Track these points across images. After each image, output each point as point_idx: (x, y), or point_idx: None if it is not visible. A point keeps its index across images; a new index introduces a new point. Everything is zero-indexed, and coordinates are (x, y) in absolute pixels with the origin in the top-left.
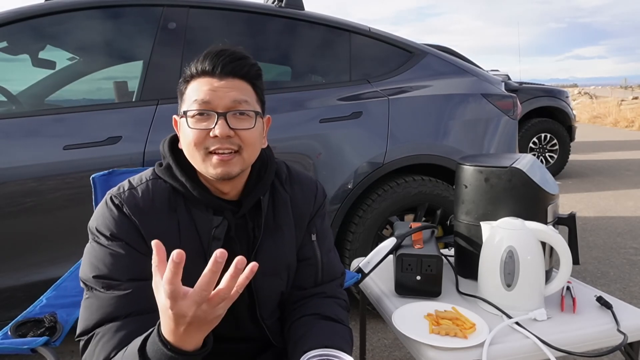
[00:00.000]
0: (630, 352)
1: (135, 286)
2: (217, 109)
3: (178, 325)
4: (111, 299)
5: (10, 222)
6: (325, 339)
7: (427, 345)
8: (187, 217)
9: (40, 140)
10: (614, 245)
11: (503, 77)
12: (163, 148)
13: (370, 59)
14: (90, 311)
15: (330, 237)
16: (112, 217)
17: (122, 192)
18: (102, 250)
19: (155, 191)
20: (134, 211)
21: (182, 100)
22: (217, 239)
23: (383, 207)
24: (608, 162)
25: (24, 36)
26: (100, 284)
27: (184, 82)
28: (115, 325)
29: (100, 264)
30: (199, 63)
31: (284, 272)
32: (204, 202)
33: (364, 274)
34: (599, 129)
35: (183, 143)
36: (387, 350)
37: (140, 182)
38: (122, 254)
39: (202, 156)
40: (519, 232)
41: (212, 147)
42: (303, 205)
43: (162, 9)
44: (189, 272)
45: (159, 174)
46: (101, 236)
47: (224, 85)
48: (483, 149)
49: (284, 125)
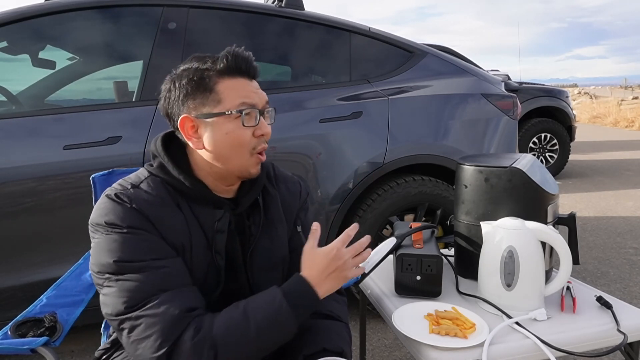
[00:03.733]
0: (630, 352)
1: (165, 263)
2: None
3: (328, 268)
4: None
5: (10, 222)
6: (323, 341)
7: (427, 345)
8: (190, 213)
9: (40, 140)
10: (614, 245)
11: (503, 77)
12: (156, 147)
13: (370, 59)
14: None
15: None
16: (123, 211)
17: (127, 190)
18: (120, 236)
19: (157, 188)
20: (143, 206)
21: (208, 99)
22: (221, 232)
23: (383, 207)
24: (608, 162)
25: (24, 36)
26: (127, 267)
27: (208, 79)
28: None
29: (119, 251)
30: (231, 62)
31: (280, 266)
32: (204, 197)
33: (364, 274)
34: (599, 129)
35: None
36: (387, 350)
37: (139, 181)
38: (141, 237)
39: (246, 157)
40: (519, 232)
41: (259, 147)
42: (290, 202)
43: (162, 9)
44: (198, 261)
45: (154, 173)
46: (115, 227)
47: (257, 87)
48: (483, 149)
49: (284, 126)
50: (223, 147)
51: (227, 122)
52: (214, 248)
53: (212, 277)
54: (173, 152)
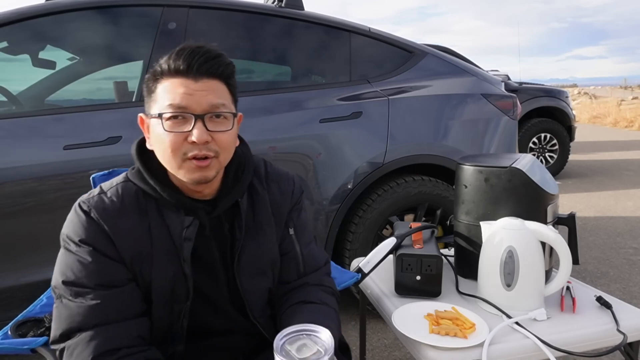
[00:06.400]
0: (630, 352)
1: (103, 295)
2: (195, 112)
3: None
4: (79, 308)
5: (10, 222)
6: (307, 319)
7: (427, 345)
8: (159, 218)
9: (40, 140)
10: (614, 245)
11: (503, 77)
12: (132, 152)
13: (370, 59)
14: (60, 320)
15: (309, 230)
16: (80, 223)
17: (91, 197)
18: (71, 256)
19: (125, 194)
20: (102, 215)
21: (151, 99)
22: (188, 239)
23: (383, 207)
24: (608, 162)
25: (24, 36)
26: (68, 290)
27: (153, 80)
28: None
29: (68, 270)
30: (171, 61)
31: (269, 270)
32: (175, 203)
33: (364, 274)
34: (599, 129)
35: (157, 147)
36: (387, 350)
37: (110, 186)
38: (90, 260)
39: (178, 162)
40: (519, 232)
41: (190, 153)
42: (281, 202)
43: (162, 9)
44: (163, 270)
45: (130, 178)
46: (71, 242)
47: (200, 88)
48: (483, 149)
49: (283, 126)
50: (157, 150)
51: (157, 125)
52: (182, 256)
53: (181, 287)
54: (149, 156)
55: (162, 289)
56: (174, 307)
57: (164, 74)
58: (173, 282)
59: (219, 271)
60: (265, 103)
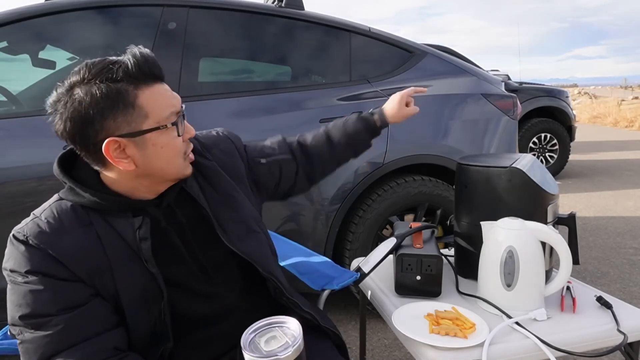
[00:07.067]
0: (630, 352)
1: (67, 319)
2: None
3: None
4: (45, 338)
5: (10, 222)
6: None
7: (427, 345)
8: (107, 227)
9: (40, 140)
10: (614, 245)
11: (503, 77)
12: (56, 172)
13: (370, 59)
14: (28, 356)
15: (259, 143)
16: (20, 254)
17: (25, 226)
18: (21, 288)
19: (61, 213)
20: (41, 239)
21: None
22: (144, 239)
23: (383, 207)
24: (608, 162)
25: (24, 36)
26: (29, 324)
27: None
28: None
29: (23, 304)
30: (144, 68)
31: (256, 226)
32: (120, 207)
33: (364, 274)
34: (599, 129)
35: (163, 156)
36: (387, 350)
37: (42, 210)
38: (42, 288)
39: (182, 161)
40: (519, 232)
41: (188, 149)
42: (231, 162)
43: (162, 9)
44: (128, 276)
45: (62, 196)
46: (17, 276)
47: (169, 89)
48: (483, 149)
49: (283, 126)
50: (159, 161)
51: (161, 135)
52: (143, 257)
53: (152, 287)
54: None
55: (131, 294)
56: (151, 308)
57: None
58: (141, 284)
59: (186, 257)
60: (265, 103)
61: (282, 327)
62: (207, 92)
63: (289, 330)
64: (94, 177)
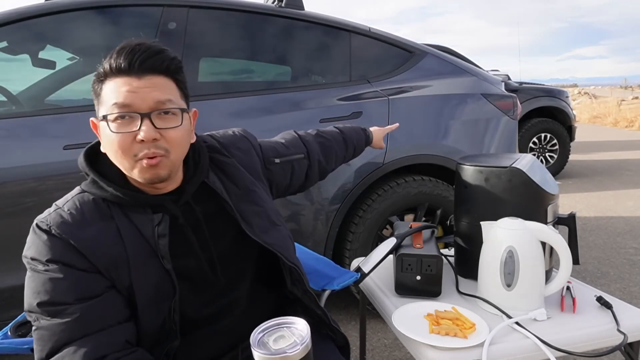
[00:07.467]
0: (630, 352)
1: (83, 308)
2: (140, 110)
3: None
4: (60, 325)
5: (10, 222)
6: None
7: (427, 345)
8: (127, 222)
9: (40, 140)
10: (614, 245)
11: (503, 77)
12: (81, 164)
13: (370, 59)
14: (43, 342)
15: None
16: (42, 243)
17: (48, 215)
18: (41, 276)
19: (84, 205)
20: (64, 230)
21: (98, 102)
22: (162, 236)
23: (383, 207)
24: (608, 162)
25: (24, 36)
26: (46, 311)
27: (98, 82)
28: (72, 348)
29: (42, 291)
30: (112, 60)
31: (277, 219)
32: (140, 203)
33: (364, 274)
34: (599, 129)
35: (107, 149)
36: (387, 350)
37: (65, 201)
38: (62, 276)
39: (131, 164)
40: (519, 232)
41: (140, 153)
42: (249, 160)
43: (162, 9)
44: (144, 272)
45: (85, 189)
46: (37, 264)
47: (145, 85)
48: (483, 149)
49: (284, 126)
50: (109, 153)
51: (105, 127)
52: (159, 254)
53: (165, 284)
54: (102, 165)
55: (145, 290)
56: (162, 305)
57: (107, 75)
58: (155, 280)
59: (198, 252)
60: (265, 103)
61: (290, 327)
62: (207, 92)
63: (297, 330)
64: (116, 172)
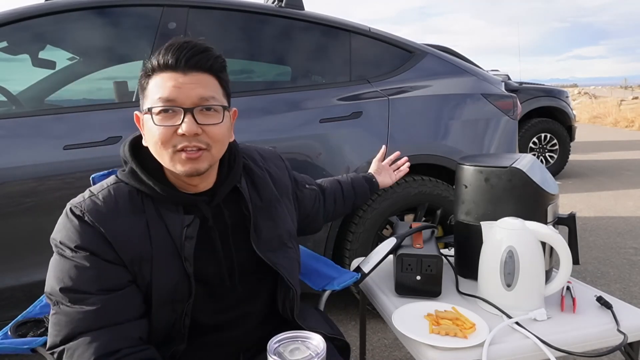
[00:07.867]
0: (630, 352)
1: (104, 300)
2: (184, 105)
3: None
4: (79, 314)
5: (10, 222)
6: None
7: (427, 345)
8: (157, 217)
9: (40, 140)
10: (614, 245)
11: (503, 77)
12: (124, 152)
13: (370, 59)
14: (59, 326)
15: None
16: (74, 228)
17: (83, 201)
18: (67, 262)
19: (118, 195)
20: (97, 218)
21: (144, 96)
22: (189, 238)
23: (383, 207)
24: (608, 162)
25: (24, 36)
26: (67, 297)
27: (145, 77)
28: (88, 338)
29: (65, 277)
30: (160, 56)
31: (290, 241)
32: (174, 200)
33: (364, 274)
34: (599, 129)
35: (149, 141)
36: (387, 350)
37: (101, 189)
38: (88, 265)
39: (169, 154)
40: (519, 232)
41: (179, 145)
42: (281, 177)
43: (161, 9)
44: (165, 271)
45: (122, 179)
46: (65, 248)
47: (189, 81)
48: (483, 149)
49: (283, 126)
50: (150, 145)
51: (149, 119)
52: (183, 255)
53: (183, 286)
54: (144, 155)
55: (164, 289)
56: (176, 307)
57: (155, 70)
58: (174, 281)
59: (221, 259)
60: (265, 103)
61: (305, 341)
62: None
63: (313, 345)
64: (155, 168)
